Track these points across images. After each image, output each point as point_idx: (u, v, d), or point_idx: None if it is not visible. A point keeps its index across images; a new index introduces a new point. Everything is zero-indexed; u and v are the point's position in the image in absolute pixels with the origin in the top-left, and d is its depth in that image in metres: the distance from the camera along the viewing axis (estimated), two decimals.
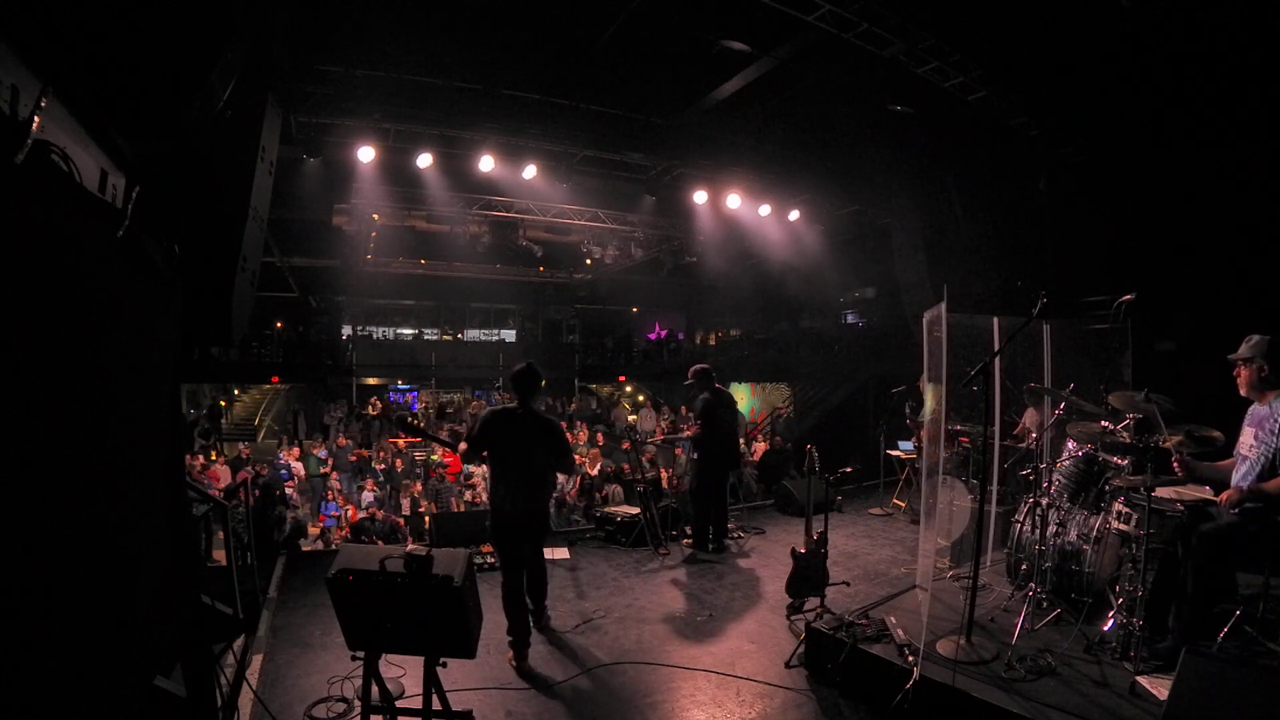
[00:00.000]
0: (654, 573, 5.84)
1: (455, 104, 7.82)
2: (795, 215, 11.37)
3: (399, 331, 23.05)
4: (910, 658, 3.44)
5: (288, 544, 8.68)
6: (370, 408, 15.24)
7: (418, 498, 10.86)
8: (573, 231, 13.40)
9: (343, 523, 10.44)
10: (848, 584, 5.08)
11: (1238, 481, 3.31)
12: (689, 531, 6.65)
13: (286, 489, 10.88)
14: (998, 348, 4.45)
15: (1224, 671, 2.54)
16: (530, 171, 9.07)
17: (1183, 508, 3.43)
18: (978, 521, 3.83)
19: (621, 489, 10.37)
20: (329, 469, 12.15)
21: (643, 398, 20.99)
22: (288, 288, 17.25)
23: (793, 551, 4.44)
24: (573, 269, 20.02)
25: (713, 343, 24.70)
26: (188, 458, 9.79)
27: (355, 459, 12.53)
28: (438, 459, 11.69)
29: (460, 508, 10.06)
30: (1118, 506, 3.83)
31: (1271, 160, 6.33)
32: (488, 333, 24.59)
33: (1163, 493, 3.42)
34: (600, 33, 7.02)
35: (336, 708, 3.48)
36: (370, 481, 11.27)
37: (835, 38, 6.12)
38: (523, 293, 22.86)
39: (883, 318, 18.05)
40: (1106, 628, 3.64)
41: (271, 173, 5.19)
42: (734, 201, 10.37)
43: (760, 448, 12.23)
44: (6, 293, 1.44)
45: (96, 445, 1.90)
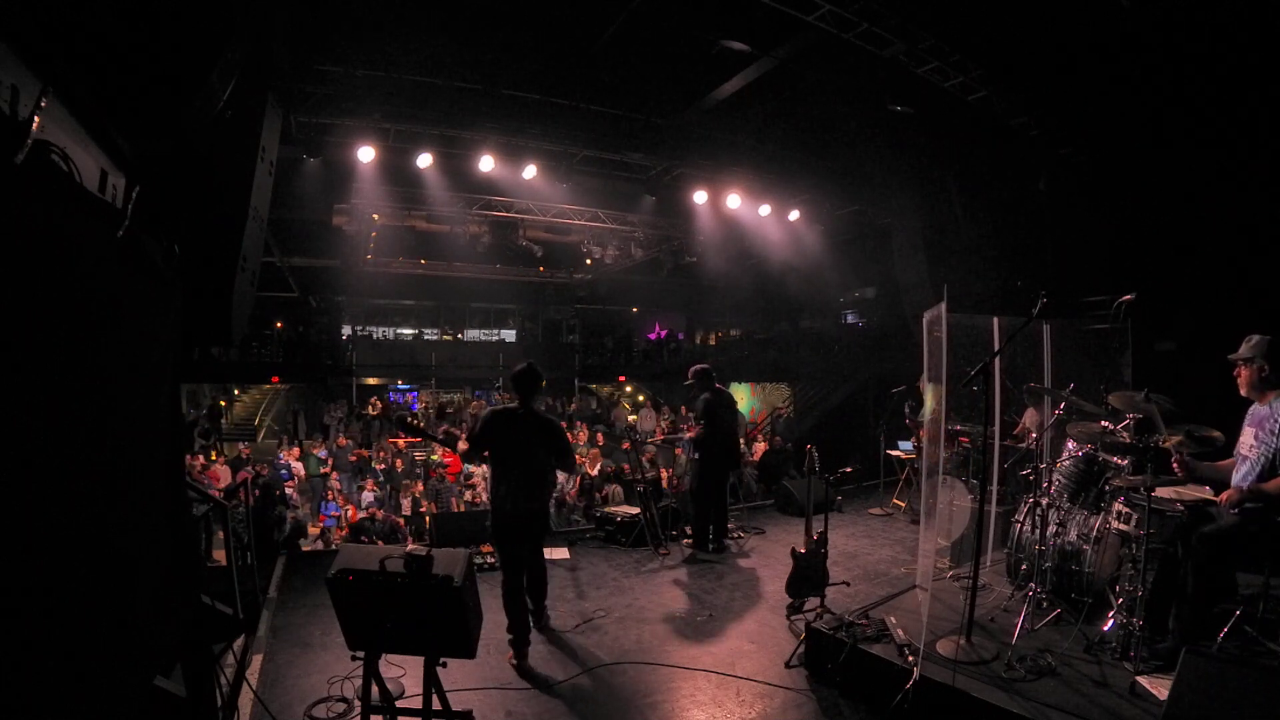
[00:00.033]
0: (654, 573, 5.84)
1: (455, 104, 7.83)
2: (795, 215, 11.38)
3: (399, 331, 23.04)
4: (910, 658, 3.44)
5: (288, 544, 8.68)
6: (370, 408, 15.22)
7: (419, 498, 10.86)
8: (573, 231, 13.41)
9: (343, 523, 10.44)
10: (848, 584, 5.08)
11: (1238, 481, 3.32)
12: (689, 531, 6.65)
13: (286, 489, 10.88)
14: (998, 348, 4.46)
15: (1224, 671, 2.54)
16: (530, 171, 9.07)
17: (1183, 508, 3.43)
18: (978, 521, 3.83)
19: (621, 489, 10.36)
20: (329, 469, 12.15)
21: (643, 398, 20.97)
22: (288, 288, 17.25)
23: (793, 551, 4.45)
24: (573, 269, 20.03)
25: (713, 343, 24.69)
26: (188, 458, 9.79)
27: (355, 459, 12.53)
28: (438, 459, 11.69)
29: (460, 508, 10.06)
30: (1118, 506, 3.83)
31: (1271, 160, 6.33)
32: (488, 333, 24.59)
33: (1163, 493, 3.42)
34: (600, 33, 7.03)
35: (336, 708, 3.48)
36: (370, 481, 11.27)
37: (835, 38, 6.12)
38: (523, 293, 22.86)
39: (883, 318, 18.05)
40: (1106, 628, 3.64)
41: (271, 173, 5.19)
42: (734, 201, 10.38)
43: (760, 448, 12.22)
44: (6, 293, 1.44)
45: (96, 445, 1.90)
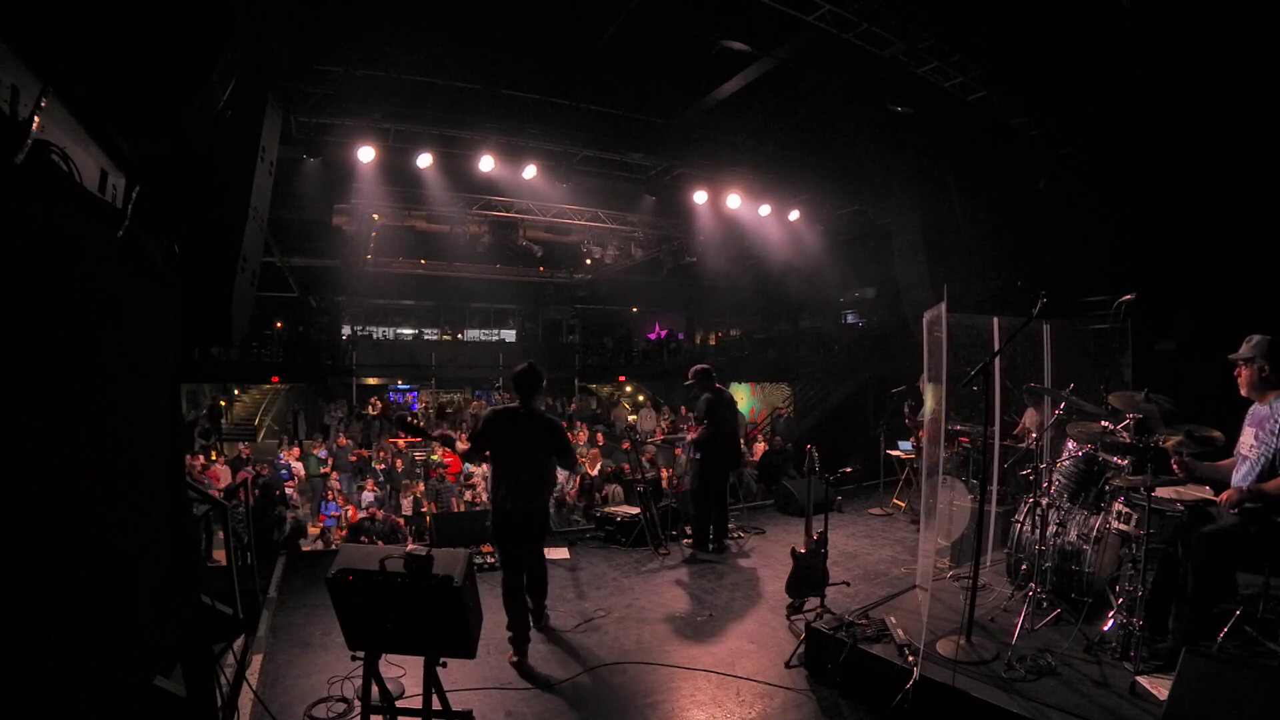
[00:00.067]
0: (654, 573, 5.84)
1: (455, 104, 7.83)
2: (795, 215, 11.38)
3: (399, 331, 23.03)
4: (910, 658, 3.44)
5: (288, 544, 8.68)
6: (370, 408, 15.24)
7: (420, 498, 10.86)
8: (573, 231, 13.41)
9: (343, 523, 10.45)
10: (848, 584, 5.08)
11: (1238, 481, 3.32)
12: (689, 531, 6.65)
13: (286, 489, 10.88)
14: (998, 348, 4.45)
15: (1224, 671, 2.54)
16: (530, 171, 9.07)
17: (1183, 508, 3.43)
18: (978, 521, 3.83)
19: (621, 489, 10.36)
20: (329, 469, 12.16)
21: (643, 398, 20.97)
22: (288, 288, 17.24)
23: (793, 551, 4.44)
24: (573, 269, 20.02)
25: (713, 343, 24.69)
26: (188, 458, 9.79)
27: (355, 459, 12.53)
28: (438, 459, 11.69)
29: (460, 508, 10.06)
30: (1118, 506, 3.83)
31: (1271, 160, 6.33)
32: (488, 333, 24.58)
33: (1163, 493, 3.42)
34: (600, 33, 7.03)
35: (336, 708, 3.48)
36: (370, 481, 11.27)
37: (835, 38, 6.12)
38: (523, 293, 22.86)
39: (883, 318, 18.05)
40: (1106, 628, 3.64)
41: (271, 173, 5.21)
42: (734, 201, 10.38)
43: (760, 448, 12.21)
44: (6, 293, 1.44)
45: (96, 445, 1.90)
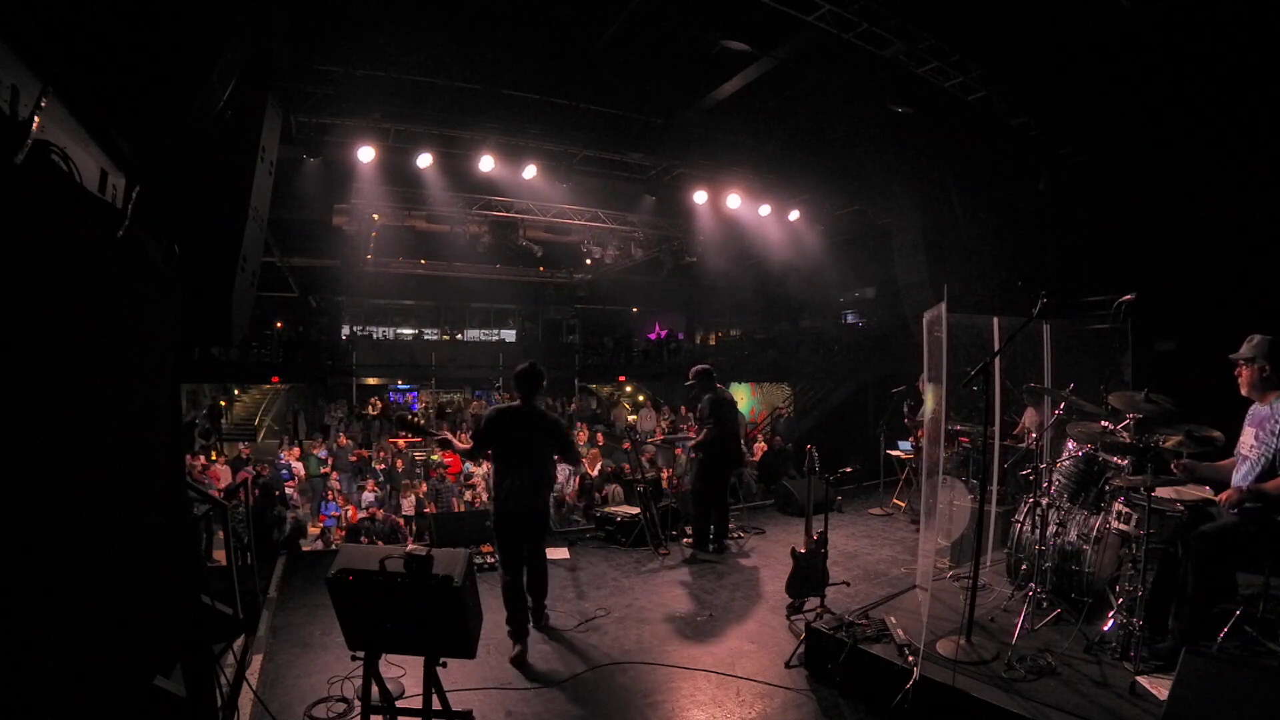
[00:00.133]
0: (654, 573, 5.84)
1: (455, 104, 7.83)
2: (795, 215, 11.38)
3: (399, 331, 23.04)
4: (910, 658, 3.44)
5: (288, 544, 8.68)
6: (370, 408, 15.25)
7: (422, 499, 10.86)
8: (573, 231, 13.41)
9: (343, 523, 10.45)
10: (848, 584, 5.08)
11: (1238, 481, 3.32)
12: (689, 531, 6.65)
13: (286, 489, 10.89)
14: (998, 348, 4.45)
15: (1224, 671, 2.54)
16: (530, 171, 9.07)
17: (1183, 508, 3.43)
18: (978, 521, 3.83)
19: (621, 489, 10.35)
20: (329, 469, 12.16)
21: (643, 398, 20.97)
22: (288, 288, 17.25)
23: (793, 551, 4.44)
24: (573, 269, 20.03)
25: (713, 343, 24.70)
26: (188, 458, 9.79)
27: (355, 459, 12.54)
28: (438, 459, 11.70)
29: (460, 508, 10.06)
30: (1118, 506, 3.82)
31: (1271, 160, 6.33)
32: (488, 333, 24.59)
33: (1163, 493, 3.42)
34: (600, 33, 7.03)
35: (336, 708, 3.48)
36: (370, 481, 11.27)
37: (835, 38, 6.12)
38: (523, 293, 22.86)
39: (883, 318, 18.06)
40: (1106, 628, 3.64)
41: (271, 173, 5.20)
42: (734, 201, 10.38)
43: (760, 448, 12.21)
44: (6, 293, 1.44)
45: (96, 445, 1.90)
